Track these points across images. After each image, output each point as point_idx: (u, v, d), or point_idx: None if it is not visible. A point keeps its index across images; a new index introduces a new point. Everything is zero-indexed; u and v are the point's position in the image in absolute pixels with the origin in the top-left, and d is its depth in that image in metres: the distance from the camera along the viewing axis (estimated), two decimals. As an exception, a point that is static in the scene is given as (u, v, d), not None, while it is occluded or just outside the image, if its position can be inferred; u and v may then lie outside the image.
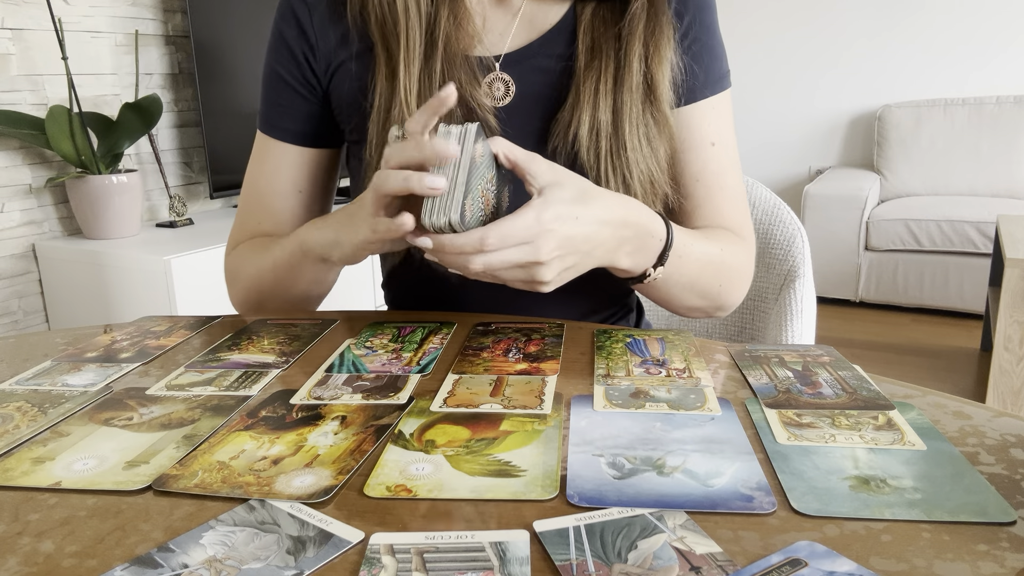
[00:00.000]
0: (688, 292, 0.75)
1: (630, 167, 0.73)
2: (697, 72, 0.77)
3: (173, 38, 2.34)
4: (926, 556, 0.38)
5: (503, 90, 0.77)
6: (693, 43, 0.77)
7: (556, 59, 0.76)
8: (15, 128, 1.89)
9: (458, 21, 0.74)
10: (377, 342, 0.70)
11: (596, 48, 0.74)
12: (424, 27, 0.73)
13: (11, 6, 1.93)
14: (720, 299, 0.78)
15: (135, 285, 1.90)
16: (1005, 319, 2.05)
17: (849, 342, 2.98)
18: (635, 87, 0.73)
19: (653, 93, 0.74)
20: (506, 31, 0.78)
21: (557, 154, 0.74)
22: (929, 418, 0.53)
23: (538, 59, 0.77)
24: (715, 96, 0.79)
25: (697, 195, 0.79)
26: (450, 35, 0.74)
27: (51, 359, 0.69)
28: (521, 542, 0.39)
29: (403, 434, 0.51)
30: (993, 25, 3.45)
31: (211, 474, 0.46)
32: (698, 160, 0.79)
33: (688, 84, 0.77)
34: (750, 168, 4.03)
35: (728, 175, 0.80)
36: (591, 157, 0.73)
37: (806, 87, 3.89)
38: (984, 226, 3.03)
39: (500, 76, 0.77)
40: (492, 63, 0.77)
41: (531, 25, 0.78)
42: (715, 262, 0.74)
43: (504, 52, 0.77)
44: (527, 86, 0.77)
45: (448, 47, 0.73)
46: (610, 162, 0.73)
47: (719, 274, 0.75)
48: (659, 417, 0.53)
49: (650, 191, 0.75)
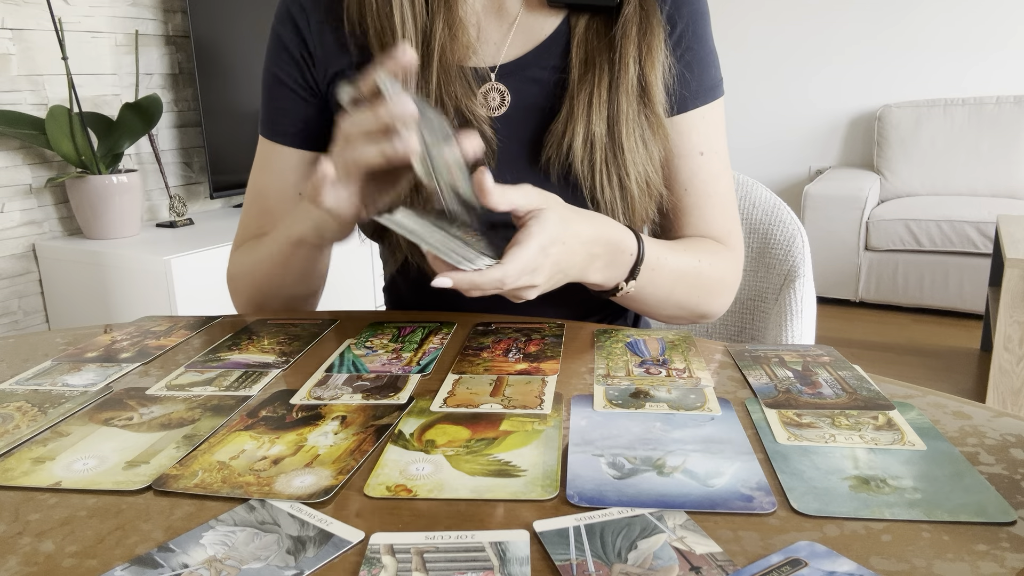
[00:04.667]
0: (664, 303, 0.76)
1: (627, 169, 0.74)
2: (688, 81, 0.78)
3: (173, 38, 2.34)
4: (926, 556, 0.38)
5: (498, 100, 0.77)
6: (685, 52, 0.77)
7: (551, 70, 0.77)
8: (15, 128, 1.89)
9: (453, 32, 0.75)
10: (377, 342, 0.70)
11: (590, 60, 0.75)
12: (420, 39, 0.74)
13: (11, 6, 1.93)
14: (699, 309, 0.78)
15: (135, 285, 1.90)
16: (1005, 319, 2.05)
17: (849, 342, 2.98)
18: (631, 89, 0.74)
19: (647, 94, 0.74)
20: (502, 42, 0.78)
21: (551, 164, 0.75)
22: (929, 418, 0.53)
23: (533, 70, 0.77)
24: (706, 106, 0.79)
25: (685, 203, 0.80)
26: (445, 46, 0.74)
27: (51, 359, 0.69)
28: (521, 542, 0.39)
29: (403, 434, 0.51)
30: (993, 25, 3.45)
31: (211, 474, 0.46)
32: (687, 168, 0.79)
33: (679, 94, 0.77)
34: (750, 168, 4.03)
35: (717, 183, 0.80)
36: (585, 168, 0.74)
37: (806, 87, 3.89)
38: (984, 226, 3.03)
39: (495, 86, 0.77)
40: (487, 74, 0.77)
41: (526, 36, 0.78)
42: (691, 274, 0.75)
43: (499, 63, 0.77)
44: (522, 97, 0.77)
45: (443, 58, 0.74)
46: (606, 169, 0.74)
47: (696, 286, 0.76)
48: (659, 417, 0.53)
49: (646, 192, 0.76)
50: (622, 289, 0.71)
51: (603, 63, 0.74)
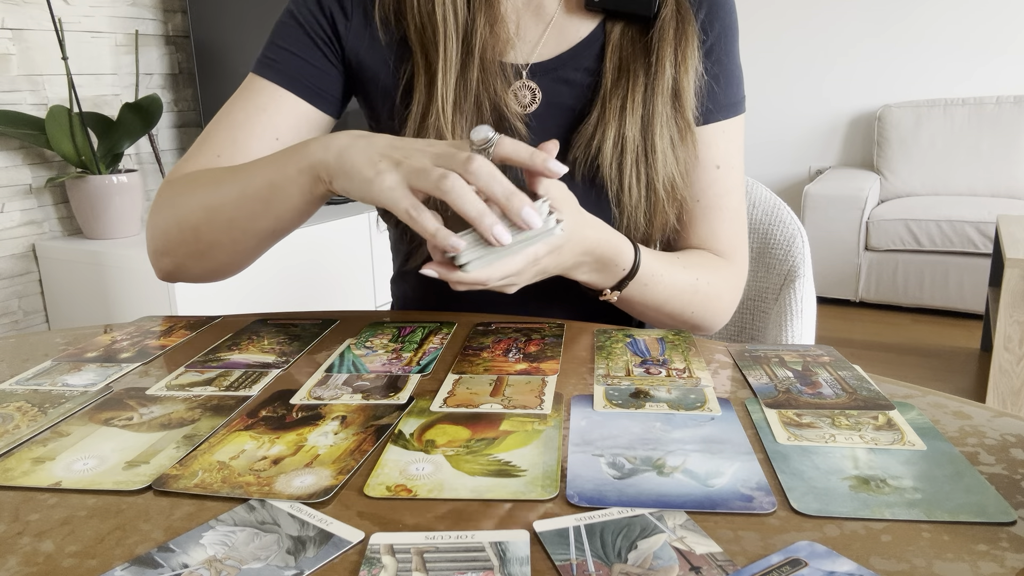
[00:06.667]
0: (656, 312, 0.76)
1: (657, 170, 0.74)
2: (715, 94, 0.78)
3: (173, 38, 2.34)
4: (926, 556, 0.38)
5: (529, 98, 0.78)
6: (715, 64, 0.78)
7: (584, 72, 0.77)
8: (15, 128, 1.89)
9: (494, 29, 0.75)
10: (377, 342, 0.70)
11: (624, 66, 0.75)
12: (461, 35, 0.74)
13: (11, 6, 1.93)
14: (693, 321, 0.79)
15: (135, 285, 1.90)
16: (1005, 319, 2.05)
17: (849, 342, 2.98)
18: (665, 91, 0.74)
19: (679, 98, 0.75)
20: (536, 40, 0.79)
21: (577, 165, 0.76)
22: (929, 418, 0.53)
23: (566, 71, 0.77)
24: (728, 120, 0.80)
25: (696, 214, 0.81)
26: (486, 42, 0.75)
27: (51, 359, 0.69)
28: (521, 542, 0.39)
29: (403, 434, 0.51)
30: (993, 25, 3.45)
31: (211, 474, 0.46)
32: (702, 180, 0.80)
33: (705, 105, 0.78)
34: (750, 168, 4.03)
35: (729, 197, 0.81)
36: (613, 170, 0.74)
37: (806, 87, 3.89)
38: (984, 226, 3.03)
39: (527, 84, 0.78)
40: (520, 70, 0.78)
41: (561, 36, 0.78)
42: (687, 291, 0.75)
43: (532, 61, 0.78)
44: (553, 96, 0.78)
45: (484, 54, 0.74)
46: (636, 171, 0.74)
47: (691, 302, 0.76)
48: (659, 417, 0.53)
49: (671, 195, 0.76)
50: (606, 295, 0.72)
51: (637, 69, 0.74)
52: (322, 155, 0.61)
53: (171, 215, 0.73)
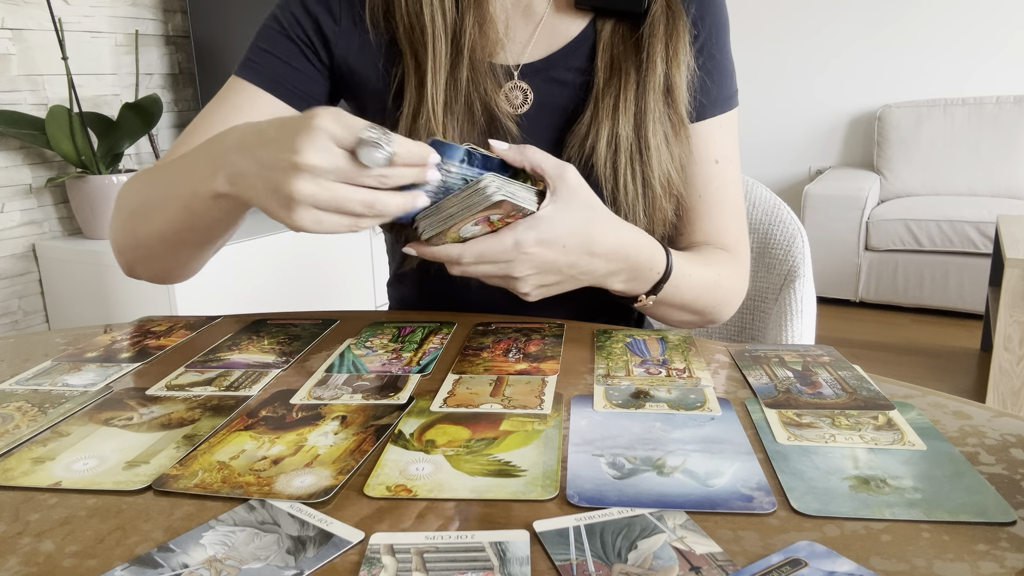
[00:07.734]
0: (681, 311, 0.77)
1: (652, 168, 0.74)
2: (708, 89, 0.78)
3: (173, 38, 2.34)
4: (926, 556, 0.38)
5: (521, 98, 0.77)
6: (707, 60, 0.78)
7: (575, 72, 0.77)
8: (15, 128, 1.89)
9: (483, 29, 0.75)
10: (377, 342, 0.70)
11: (616, 64, 0.75)
12: (450, 35, 0.74)
13: (11, 6, 1.93)
14: (711, 316, 0.79)
15: (135, 285, 1.90)
16: (1005, 319, 2.05)
17: (849, 342, 2.98)
18: (657, 87, 0.74)
19: (672, 94, 0.75)
20: (527, 41, 0.79)
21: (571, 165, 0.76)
22: (929, 418, 0.53)
23: (557, 71, 0.77)
24: (723, 115, 0.80)
25: (699, 210, 0.81)
26: (475, 42, 0.74)
27: (51, 359, 0.69)
28: (521, 542, 0.39)
29: (403, 434, 0.51)
30: (993, 25, 3.45)
31: (211, 474, 0.46)
32: (702, 175, 0.80)
33: (699, 101, 0.78)
34: (750, 168, 4.03)
35: (729, 191, 0.81)
36: (607, 169, 0.74)
37: (806, 87, 3.88)
38: (984, 226, 3.03)
39: (518, 85, 0.77)
40: (511, 71, 0.78)
41: (551, 36, 0.78)
42: (711, 287, 0.76)
43: (523, 62, 0.78)
44: (544, 96, 0.77)
45: (473, 55, 0.74)
46: (631, 168, 0.74)
47: (714, 297, 0.77)
48: (659, 417, 0.53)
49: (667, 191, 0.76)
50: (641, 300, 0.72)
51: (629, 67, 0.74)
52: (224, 186, 0.58)
53: (117, 217, 0.74)
